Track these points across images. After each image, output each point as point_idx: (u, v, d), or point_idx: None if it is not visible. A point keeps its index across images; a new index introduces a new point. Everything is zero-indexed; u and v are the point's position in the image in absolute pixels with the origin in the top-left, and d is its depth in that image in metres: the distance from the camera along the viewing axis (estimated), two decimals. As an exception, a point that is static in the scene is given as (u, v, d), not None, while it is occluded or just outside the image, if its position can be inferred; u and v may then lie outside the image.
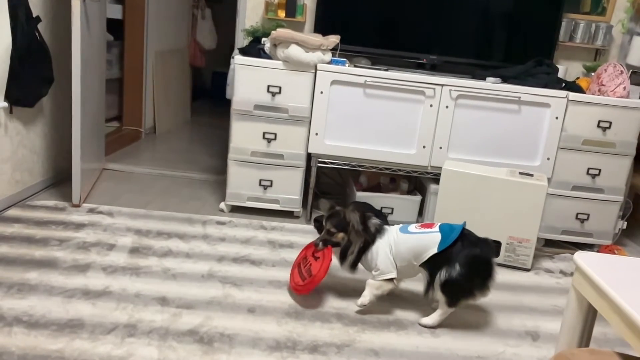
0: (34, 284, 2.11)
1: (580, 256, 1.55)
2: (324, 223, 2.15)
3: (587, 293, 1.48)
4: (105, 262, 2.35)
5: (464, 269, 2.02)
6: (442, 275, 2.03)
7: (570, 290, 1.58)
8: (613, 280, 1.40)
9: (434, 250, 2.04)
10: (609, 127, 2.88)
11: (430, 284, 2.08)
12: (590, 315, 1.60)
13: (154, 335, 1.87)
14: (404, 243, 2.09)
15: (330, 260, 2.14)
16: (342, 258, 2.15)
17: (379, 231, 2.14)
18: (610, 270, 1.47)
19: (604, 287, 1.38)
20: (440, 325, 2.12)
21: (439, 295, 2.07)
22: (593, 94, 2.92)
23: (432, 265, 2.06)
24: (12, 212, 2.77)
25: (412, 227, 2.14)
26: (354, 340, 1.97)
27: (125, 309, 2.01)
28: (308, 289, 2.14)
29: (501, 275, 2.65)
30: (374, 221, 2.15)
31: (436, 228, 2.09)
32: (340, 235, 2.12)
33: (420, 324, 2.12)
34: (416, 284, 2.27)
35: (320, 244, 2.13)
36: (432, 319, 2.11)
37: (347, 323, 2.07)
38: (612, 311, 1.35)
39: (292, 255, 2.59)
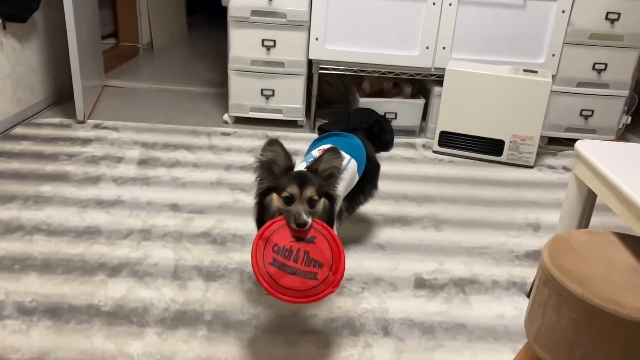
0: (49, 196, 2.17)
1: (582, 144, 1.57)
2: (290, 191, 1.46)
3: (588, 179, 1.52)
4: (115, 173, 2.40)
5: (373, 176, 1.92)
6: (365, 192, 1.89)
7: (570, 177, 1.62)
8: (613, 165, 1.43)
9: (357, 178, 1.80)
10: (618, 19, 2.79)
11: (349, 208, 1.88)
12: (589, 202, 1.64)
13: (168, 239, 1.95)
14: (340, 186, 1.61)
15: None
16: (332, 221, 1.58)
17: None
18: (610, 156, 1.50)
19: (604, 172, 1.41)
20: (443, 220, 2.20)
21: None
22: (602, -16, 2.81)
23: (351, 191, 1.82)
24: (19, 130, 2.79)
25: None
26: (360, 236, 2.05)
27: (138, 216, 2.08)
28: (336, 282, 1.39)
29: (504, 173, 2.70)
30: None
31: (345, 154, 1.72)
32: (322, 202, 1.51)
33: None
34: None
35: (309, 220, 1.42)
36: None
37: (352, 220, 2.12)
38: (611, 194, 1.39)
39: (298, 162, 2.61)
